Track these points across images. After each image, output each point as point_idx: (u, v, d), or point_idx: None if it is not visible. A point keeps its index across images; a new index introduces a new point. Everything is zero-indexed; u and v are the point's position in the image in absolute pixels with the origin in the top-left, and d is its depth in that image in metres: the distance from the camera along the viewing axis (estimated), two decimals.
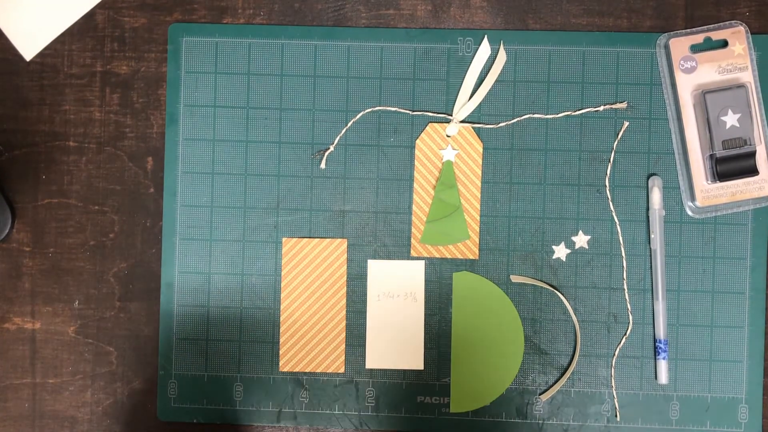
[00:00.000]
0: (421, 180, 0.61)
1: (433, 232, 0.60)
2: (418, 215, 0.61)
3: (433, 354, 0.61)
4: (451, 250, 0.61)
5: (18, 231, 0.63)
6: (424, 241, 0.61)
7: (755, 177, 0.60)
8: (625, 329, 0.61)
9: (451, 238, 0.60)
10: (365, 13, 0.63)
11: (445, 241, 0.60)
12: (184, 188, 0.62)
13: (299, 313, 0.61)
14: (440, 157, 0.60)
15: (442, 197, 0.60)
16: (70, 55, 0.63)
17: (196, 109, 0.62)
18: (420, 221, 0.61)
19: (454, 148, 0.60)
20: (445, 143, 0.60)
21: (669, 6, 0.62)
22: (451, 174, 0.60)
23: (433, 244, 0.61)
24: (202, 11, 0.63)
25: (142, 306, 0.63)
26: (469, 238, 0.60)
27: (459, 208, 0.60)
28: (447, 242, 0.60)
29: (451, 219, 0.60)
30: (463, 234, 0.60)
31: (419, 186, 0.61)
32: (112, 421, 0.62)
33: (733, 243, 0.61)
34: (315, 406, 0.62)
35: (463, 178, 0.60)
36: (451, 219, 0.60)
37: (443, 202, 0.60)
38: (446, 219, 0.60)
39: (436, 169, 0.60)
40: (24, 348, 0.63)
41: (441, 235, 0.60)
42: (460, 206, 0.60)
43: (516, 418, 0.61)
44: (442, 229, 0.60)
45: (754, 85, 0.60)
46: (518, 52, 0.62)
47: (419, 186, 0.61)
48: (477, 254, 0.61)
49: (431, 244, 0.61)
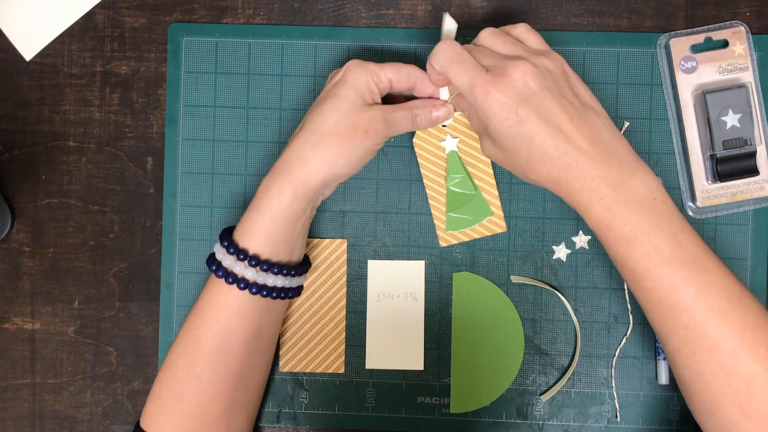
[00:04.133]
0: (430, 174, 0.60)
1: (455, 220, 0.60)
2: (437, 207, 0.60)
3: (433, 354, 0.61)
4: (479, 230, 0.60)
5: (18, 231, 0.63)
6: (450, 229, 0.60)
7: (756, 177, 0.59)
8: (626, 330, 0.61)
9: (474, 220, 0.60)
10: (365, 13, 0.62)
11: (470, 224, 0.60)
12: (184, 188, 0.62)
13: (299, 313, 0.61)
14: (442, 148, 0.60)
15: (455, 188, 0.60)
16: (70, 55, 0.63)
17: (196, 109, 0.62)
18: (440, 212, 0.60)
19: (453, 137, 0.59)
20: (443, 134, 0.60)
21: (669, 6, 0.62)
22: (457, 163, 0.59)
23: (460, 230, 0.60)
24: (202, 11, 0.63)
25: (142, 306, 0.63)
26: (492, 214, 0.60)
27: (476, 194, 0.60)
28: (471, 225, 0.60)
29: (471, 204, 0.60)
30: (485, 212, 0.60)
31: (429, 180, 0.60)
32: (112, 421, 0.62)
33: (734, 243, 0.61)
34: (315, 406, 0.62)
35: (471, 161, 0.59)
36: (471, 204, 0.60)
37: (458, 192, 0.60)
38: (466, 206, 0.60)
39: (441, 160, 0.60)
40: (24, 348, 0.63)
41: (465, 220, 0.60)
42: (476, 191, 0.60)
43: (516, 418, 0.61)
44: (463, 214, 0.60)
45: (755, 85, 0.60)
46: None
47: (429, 180, 0.60)
48: (504, 226, 0.60)
49: (457, 230, 0.60)
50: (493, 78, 0.49)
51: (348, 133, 0.52)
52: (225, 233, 0.54)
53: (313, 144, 0.52)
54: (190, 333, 0.54)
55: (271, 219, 0.52)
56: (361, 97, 0.53)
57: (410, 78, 0.54)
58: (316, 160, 0.52)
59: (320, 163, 0.52)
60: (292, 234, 0.53)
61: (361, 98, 0.53)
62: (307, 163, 0.52)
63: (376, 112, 0.52)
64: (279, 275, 0.53)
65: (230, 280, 0.52)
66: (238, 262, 0.52)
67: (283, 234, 0.53)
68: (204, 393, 0.53)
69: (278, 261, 0.53)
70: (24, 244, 0.63)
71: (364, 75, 0.53)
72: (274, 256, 0.53)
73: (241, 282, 0.52)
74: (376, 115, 0.52)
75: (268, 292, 0.53)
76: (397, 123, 0.54)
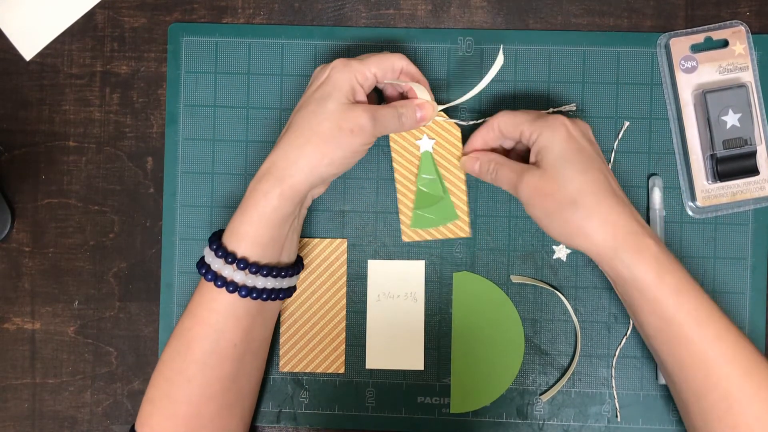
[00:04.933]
0: (401, 170, 0.60)
1: (421, 217, 0.60)
2: (404, 202, 0.60)
3: (433, 354, 0.61)
4: (442, 231, 0.60)
5: (18, 231, 0.63)
6: (414, 226, 0.60)
7: (756, 177, 0.59)
8: (626, 329, 0.61)
9: (439, 221, 0.60)
10: (365, 13, 0.62)
11: (434, 224, 0.60)
12: (184, 188, 0.62)
13: (299, 313, 0.61)
14: (417, 147, 0.59)
15: (424, 189, 0.60)
16: (70, 55, 0.63)
17: (196, 108, 0.62)
18: (407, 208, 0.60)
19: (430, 137, 0.59)
20: (421, 134, 0.59)
21: (669, 6, 0.62)
22: (430, 164, 0.59)
23: (424, 228, 0.60)
24: (202, 11, 0.63)
25: (142, 306, 0.63)
26: (458, 218, 0.60)
27: (445, 197, 0.60)
28: (436, 225, 0.60)
29: (438, 206, 0.60)
30: (451, 215, 0.60)
31: (400, 176, 0.60)
32: (112, 421, 0.62)
33: (734, 243, 0.61)
34: (315, 406, 0.62)
35: (445, 164, 0.59)
36: (438, 206, 0.60)
37: (427, 193, 0.60)
38: (433, 207, 0.60)
39: (415, 158, 0.59)
40: (24, 348, 0.63)
41: (430, 219, 0.60)
42: (445, 195, 0.60)
43: (516, 418, 0.61)
44: (429, 214, 0.60)
45: (755, 84, 0.60)
46: (518, 52, 0.61)
47: (400, 176, 0.60)
48: (468, 232, 0.60)
49: (422, 228, 0.60)
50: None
51: (333, 133, 0.52)
52: (214, 236, 0.54)
53: (299, 145, 0.52)
54: (181, 336, 0.54)
55: (258, 221, 0.52)
56: (346, 96, 0.52)
57: (395, 69, 0.54)
58: (302, 161, 0.52)
59: (306, 165, 0.52)
60: (280, 236, 0.53)
61: (346, 98, 0.52)
62: (293, 165, 0.52)
63: (362, 111, 0.52)
64: (268, 277, 0.53)
65: (219, 284, 0.52)
66: (227, 265, 0.52)
67: (271, 236, 0.52)
68: (196, 395, 0.53)
69: (267, 263, 0.53)
70: (24, 244, 0.63)
71: (349, 74, 0.53)
72: (263, 258, 0.53)
73: (230, 285, 0.52)
74: (361, 113, 0.52)
75: (258, 294, 0.53)
76: (384, 121, 0.54)
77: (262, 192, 0.52)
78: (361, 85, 0.53)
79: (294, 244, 0.56)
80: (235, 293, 0.52)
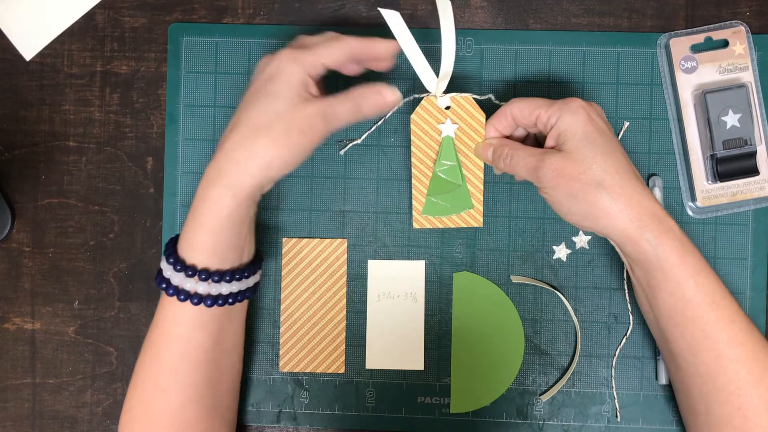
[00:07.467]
0: (419, 154, 0.58)
1: (435, 205, 0.58)
2: (419, 188, 0.58)
3: (433, 354, 0.61)
4: (455, 219, 0.59)
5: (18, 231, 0.63)
6: (426, 213, 0.59)
7: (756, 177, 0.59)
8: (626, 329, 0.61)
9: (453, 209, 0.58)
10: (365, 13, 0.62)
11: (448, 211, 0.59)
12: (184, 188, 0.62)
13: (299, 313, 0.61)
14: (439, 131, 0.57)
15: (442, 174, 0.58)
16: (70, 55, 0.63)
17: (196, 109, 0.62)
18: (421, 194, 0.58)
19: (453, 122, 0.57)
20: (444, 117, 0.57)
21: (669, 6, 0.62)
22: (451, 150, 0.57)
23: (436, 215, 0.59)
24: (202, 11, 0.63)
25: (142, 306, 0.63)
26: (473, 207, 0.58)
27: (462, 185, 0.58)
28: (450, 213, 0.59)
29: (454, 194, 0.58)
30: (466, 204, 0.58)
31: (417, 160, 0.58)
32: (112, 421, 0.62)
33: (734, 243, 0.61)
34: (315, 406, 0.62)
35: (465, 150, 0.58)
36: (454, 194, 0.58)
37: (444, 179, 0.58)
38: (449, 195, 0.58)
39: (435, 143, 0.58)
40: (24, 348, 0.63)
41: (443, 207, 0.58)
42: (463, 183, 0.58)
43: (516, 418, 0.61)
44: (444, 201, 0.58)
45: (755, 84, 0.60)
46: (518, 52, 0.62)
47: (417, 160, 0.58)
48: (481, 222, 0.59)
49: (433, 216, 0.59)
50: None
51: (283, 134, 0.49)
52: (169, 247, 0.52)
53: (247, 147, 0.49)
54: (149, 349, 0.52)
55: (214, 230, 0.49)
56: (296, 93, 0.49)
57: (347, 52, 0.51)
58: (251, 163, 0.49)
59: (256, 167, 0.49)
60: (239, 239, 0.51)
61: (296, 95, 0.49)
62: (242, 167, 0.49)
63: (314, 110, 0.49)
64: (233, 282, 0.51)
65: (182, 298, 0.50)
66: (188, 278, 0.50)
67: (229, 242, 0.50)
68: (173, 404, 0.52)
69: (229, 268, 0.51)
70: (24, 244, 0.63)
71: (298, 69, 0.50)
72: (224, 265, 0.51)
73: (194, 297, 0.50)
74: (313, 112, 0.49)
75: (224, 301, 0.51)
76: (339, 117, 0.51)
77: (214, 199, 0.49)
78: (313, 78, 0.51)
79: (252, 242, 0.54)
80: (200, 304, 0.51)
